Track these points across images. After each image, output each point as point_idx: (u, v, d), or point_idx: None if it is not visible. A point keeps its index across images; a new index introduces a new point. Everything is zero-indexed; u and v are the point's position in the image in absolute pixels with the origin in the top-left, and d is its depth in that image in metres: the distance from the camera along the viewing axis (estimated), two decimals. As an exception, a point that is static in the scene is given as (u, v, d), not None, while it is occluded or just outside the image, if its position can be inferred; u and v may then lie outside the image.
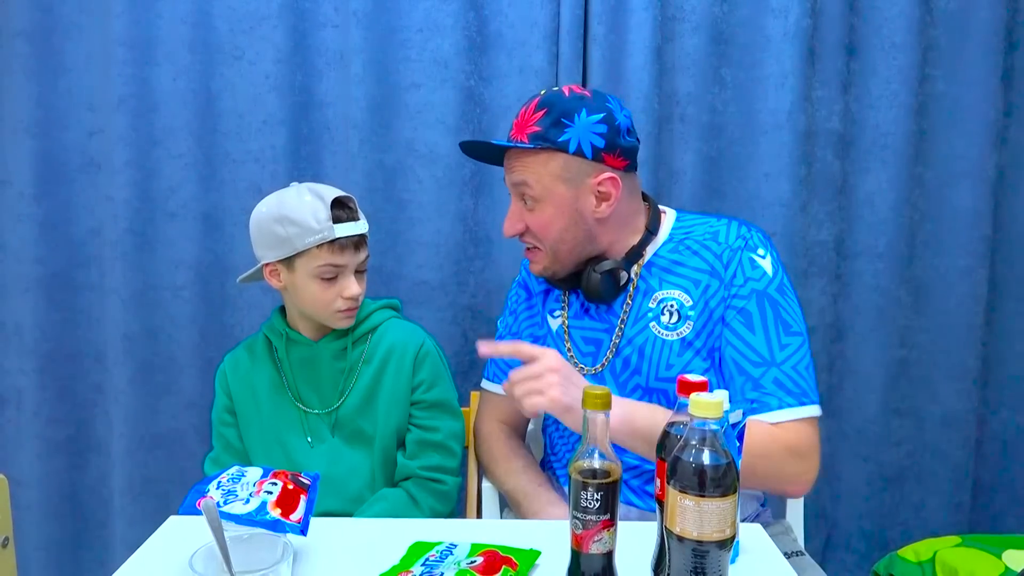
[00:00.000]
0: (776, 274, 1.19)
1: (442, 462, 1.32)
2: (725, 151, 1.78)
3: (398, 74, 1.72)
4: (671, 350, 1.18)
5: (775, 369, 1.14)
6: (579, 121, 1.15)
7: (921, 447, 1.88)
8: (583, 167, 1.17)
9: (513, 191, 1.23)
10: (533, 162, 1.17)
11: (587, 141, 1.15)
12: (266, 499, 0.83)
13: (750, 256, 1.19)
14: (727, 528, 0.69)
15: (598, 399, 0.78)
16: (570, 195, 1.17)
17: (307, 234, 1.21)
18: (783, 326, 1.16)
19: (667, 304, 1.20)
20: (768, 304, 1.16)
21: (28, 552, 1.81)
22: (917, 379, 1.86)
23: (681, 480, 0.70)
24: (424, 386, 1.34)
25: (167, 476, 1.78)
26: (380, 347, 1.34)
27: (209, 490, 0.85)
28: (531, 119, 1.17)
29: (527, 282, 1.40)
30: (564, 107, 1.15)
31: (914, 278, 1.84)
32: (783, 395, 1.12)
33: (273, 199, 1.28)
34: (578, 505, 0.78)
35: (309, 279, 1.25)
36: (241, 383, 1.36)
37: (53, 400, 1.78)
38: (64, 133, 1.72)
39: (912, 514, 1.89)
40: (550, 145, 1.15)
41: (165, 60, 1.69)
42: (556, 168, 1.16)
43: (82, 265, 1.77)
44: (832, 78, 1.76)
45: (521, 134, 1.18)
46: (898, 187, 1.79)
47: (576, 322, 1.28)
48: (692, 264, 1.21)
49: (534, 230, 1.21)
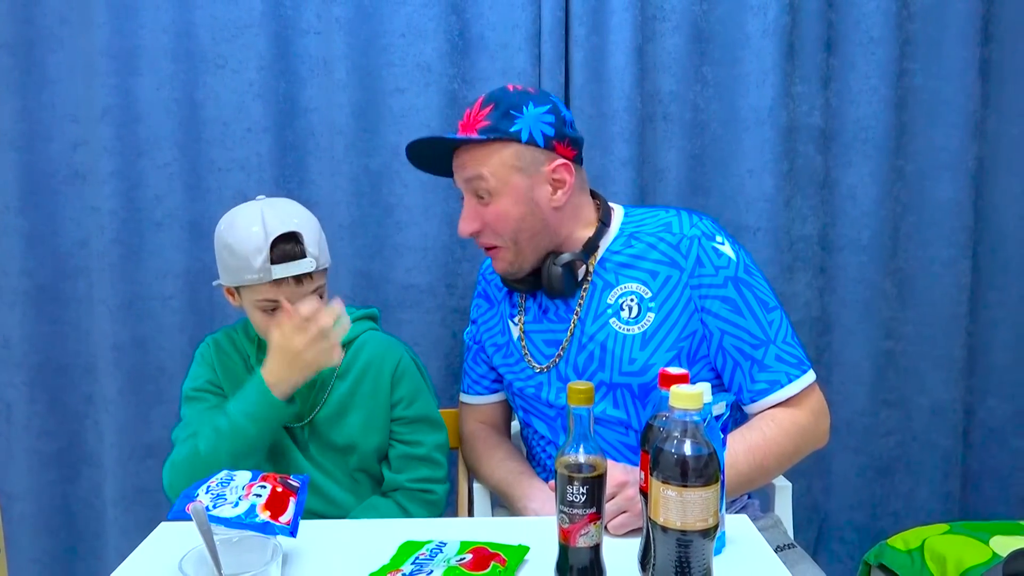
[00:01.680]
0: (739, 257, 1.22)
1: (430, 474, 1.31)
2: (708, 148, 1.80)
3: (381, 79, 1.72)
4: (633, 344, 1.19)
5: (773, 347, 1.19)
6: (527, 112, 1.17)
7: (910, 437, 1.89)
8: (536, 155, 1.19)
9: (467, 188, 1.22)
10: (486, 154, 1.18)
11: (537, 130, 1.17)
12: (255, 502, 0.84)
13: (711, 245, 1.20)
14: (709, 517, 0.70)
15: (581, 394, 0.79)
16: (525, 184, 1.19)
17: (246, 271, 1.18)
18: (762, 305, 1.20)
19: (626, 299, 1.21)
20: (744, 287, 1.20)
21: (22, 565, 1.80)
22: (904, 370, 1.88)
23: (663, 471, 0.71)
24: (404, 403, 1.32)
25: (160, 486, 1.74)
26: (356, 362, 1.31)
27: (198, 495, 0.85)
28: (479, 116, 1.19)
29: (487, 291, 1.42)
30: (511, 100, 1.18)
31: (898, 270, 1.86)
32: (788, 368, 1.19)
33: (229, 217, 1.24)
34: (564, 499, 0.79)
35: (253, 309, 1.23)
36: (227, 367, 1.32)
37: (43, 412, 1.77)
38: (48, 145, 1.72)
39: (903, 504, 1.90)
40: (502, 135, 1.16)
41: (148, 70, 1.69)
42: (510, 157, 1.18)
43: (69, 277, 1.76)
44: (812, 74, 1.78)
45: (470, 130, 1.19)
46: (880, 180, 1.81)
47: (535, 326, 1.29)
48: (649, 256, 1.22)
49: (491, 224, 1.21)
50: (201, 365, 1.35)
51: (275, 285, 1.18)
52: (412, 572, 0.85)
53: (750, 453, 1.12)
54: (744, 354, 1.19)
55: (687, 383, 0.78)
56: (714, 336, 1.20)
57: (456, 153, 1.23)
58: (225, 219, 1.25)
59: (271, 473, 0.93)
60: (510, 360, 1.32)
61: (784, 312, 1.24)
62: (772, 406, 1.18)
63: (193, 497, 0.84)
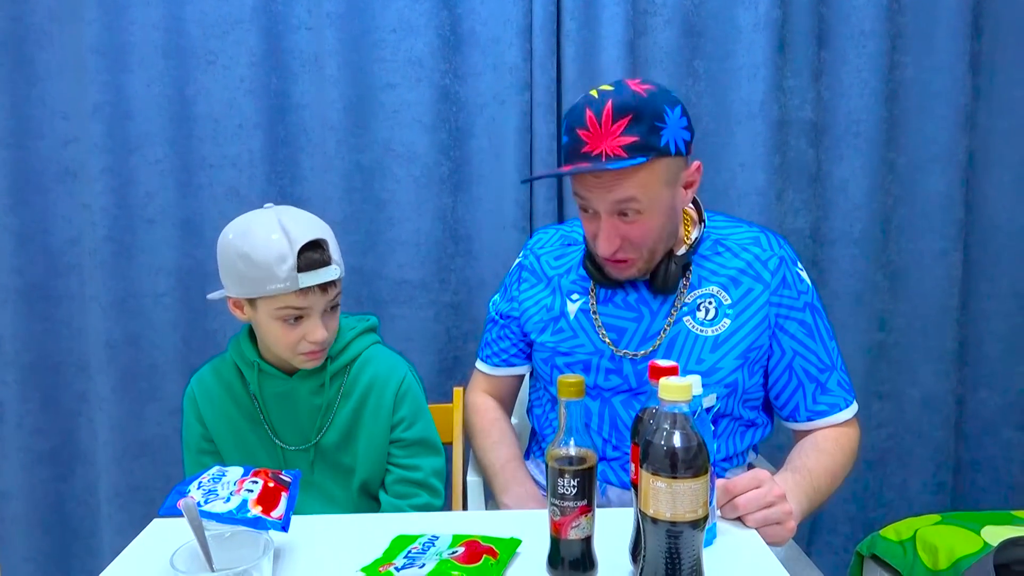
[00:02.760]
0: (813, 286, 1.26)
1: (429, 501, 1.26)
2: (700, 142, 1.79)
3: (373, 75, 1.72)
4: (703, 346, 1.19)
5: (836, 372, 1.24)
6: (669, 120, 1.09)
7: (902, 429, 1.90)
8: (679, 164, 1.13)
9: (609, 209, 1.12)
10: (640, 176, 1.09)
11: (680, 139, 1.10)
12: (247, 497, 0.84)
13: (796, 270, 1.24)
14: (699, 508, 0.70)
15: (572, 387, 0.79)
16: (670, 195, 1.14)
17: (270, 280, 1.11)
18: (829, 333, 1.25)
19: (704, 300, 1.21)
20: (817, 315, 1.24)
21: (16, 564, 1.80)
22: (896, 362, 1.89)
23: (653, 463, 0.71)
24: (404, 424, 1.28)
25: (153, 483, 1.78)
26: (360, 381, 1.27)
27: (190, 490, 0.85)
28: (616, 129, 1.07)
29: (538, 267, 1.36)
30: (651, 109, 1.07)
31: (890, 263, 1.87)
32: (845, 394, 1.24)
33: (241, 226, 1.16)
34: (555, 492, 0.79)
35: (271, 320, 1.16)
36: (215, 412, 1.27)
37: (36, 411, 1.77)
38: (39, 142, 1.72)
39: (895, 495, 1.92)
40: (656, 154, 1.08)
41: (138, 66, 1.69)
42: (662, 174, 1.10)
43: (61, 274, 1.76)
44: (803, 67, 1.78)
45: (611, 148, 1.07)
46: (871, 173, 1.82)
47: (602, 307, 1.26)
48: (732, 264, 1.22)
49: (635, 240, 1.15)
50: (188, 419, 1.30)
51: (300, 294, 1.13)
52: (404, 565, 0.85)
53: (828, 475, 1.16)
54: (810, 376, 1.22)
55: (676, 375, 0.78)
56: (785, 355, 1.22)
57: (594, 172, 1.10)
58: (234, 228, 1.17)
59: (263, 468, 0.93)
60: (559, 337, 1.28)
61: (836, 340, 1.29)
62: (827, 427, 1.23)
63: (185, 493, 0.84)
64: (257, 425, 1.27)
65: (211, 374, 1.30)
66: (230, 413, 1.27)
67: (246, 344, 1.26)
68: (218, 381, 1.28)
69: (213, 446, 1.28)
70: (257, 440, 1.27)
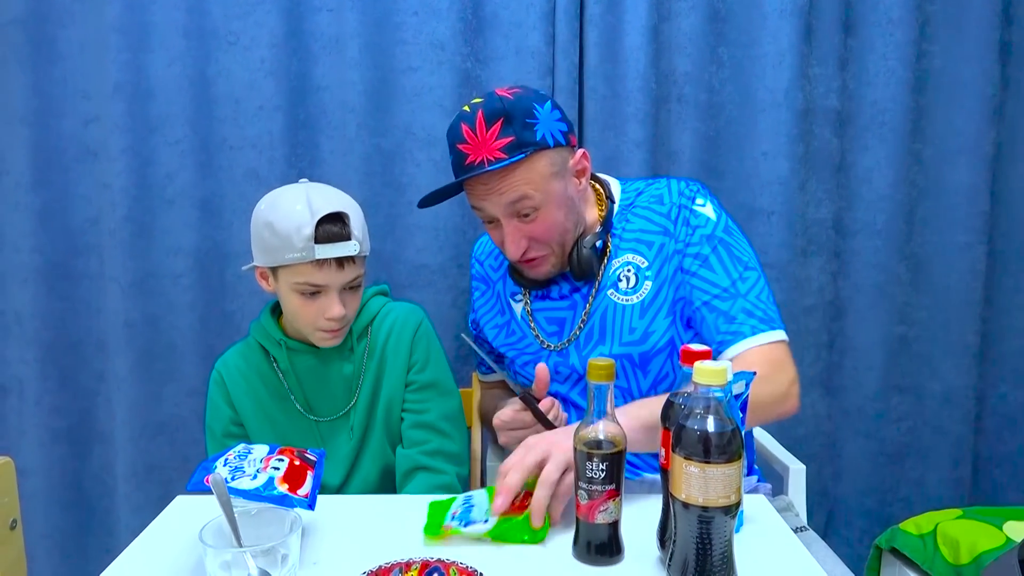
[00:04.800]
0: (719, 218, 1.22)
1: (441, 445, 1.26)
2: (723, 130, 1.78)
3: (394, 58, 1.71)
4: (632, 314, 1.20)
5: (741, 299, 1.16)
6: (540, 115, 1.14)
7: (921, 423, 1.89)
8: (563, 154, 1.17)
9: (506, 212, 1.16)
10: (523, 172, 1.13)
11: (556, 130, 1.16)
12: (273, 475, 0.84)
13: (691, 208, 1.21)
14: (732, 494, 0.69)
15: (602, 370, 0.78)
16: (562, 186, 1.17)
17: (287, 249, 1.13)
18: (735, 261, 1.19)
19: (623, 270, 1.22)
20: (719, 244, 1.20)
21: (34, 540, 1.81)
22: (917, 356, 1.87)
23: (686, 447, 0.70)
24: (418, 366, 1.29)
25: (170, 463, 1.78)
26: (381, 334, 1.29)
27: (216, 467, 0.85)
28: (491, 135, 1.11)
29: (483, 273, 1.42)
30: (520, 108, 1.12)
31: (913, 255, 1.84)
32: (755, 322, 1.15)
33: (271, 197, 1.20)
34: (583, 475, 0.78)
35: (290, 292, 1.18)
36: (243, 395, 1.28)
37: (55, 389, 1.78)
38: (60, 121, 1.71)
39: (913, 490, 1.90)
40: (533, 148, 1.12)
41: (159, 46, 1.68)
42: (546, 167, 1.14)
43: (81, 254, 1.76)
44: (829, 55, 1.76)
45: (490, 153, 1.11)
46: (896, 164, 1.79)
47: (539, 303, 1.30)
48: (642, 227, 1.23)
49: (540, 237, 1.18)
50: (216, 403, 1.30)
51: (316, 267, 1.14)
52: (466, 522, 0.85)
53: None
54: (711, 307, 1.17)
55: (710, 359, 0.77)
56: (691, 294, 1.19)
57: (480, 180, 1.15)
58: (266, 199, 1.21)
59: (289, 447, 0.92)
60: (512, 339, 1.32)
61: (764, 276, 1.21)
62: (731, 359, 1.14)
63: (211, 469, 0.84)
64: (287, 403, 1.28)
65: (237, 357, 1.30)
66: (259, 395, 1.27)
67: (269, 324, 1.27)
68: (245, 363, 1.29)
69: (241, 430, 1.29)
70: (288, 419, 1.28)
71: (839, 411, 1.88)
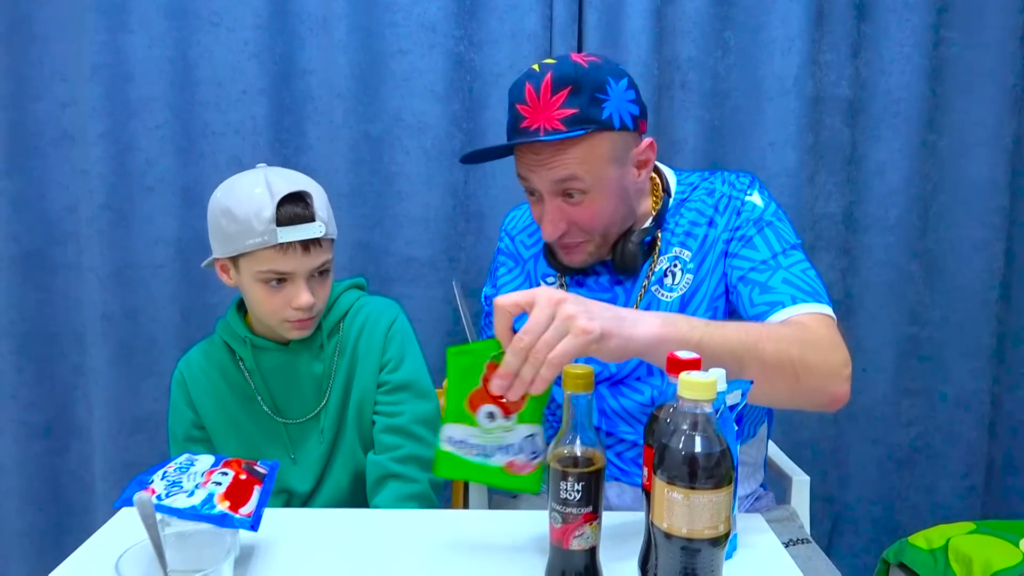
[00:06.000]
0: (768, 205, 1.12)
1: (414, 451, 1.16)
2: (728, 119, 1.72)
3: (384, 40, 1.64)
4: (670, 310, 1.10)
5: (782, 271, 1.04)
6: (613, 92, 1.02)
7: (933, 428, 1.82)
8: (627, 140, 1.05)
9: (552, 189, 1.05)
10: (580, 150, 1.02)
11: (626, 111, 1.03)
12: (213, 491, 0.76)
13: (740, 196, 1.12)
14: (720, 524, 0.62)
15: (579, 379, 0.71)
16: (619, 175, 1.06)
17: (248, 235, 1.06)
18: (780, 239, 1.08)
19: (671, 265, 1.12)
20: (765, 226, 1.09)
21: (10, 539, 1.76)
22: (929, 357, 1.81)
23: (669, 470, 0.62)
24: (391, 364, 1.21)
25: (150, 461, 1.72)
26: (352, 331, 1.21)
27: (153, 481, 0.78)
28: (554, 102, 1.01)
29: (513, 250, 1.30)
30: (592, 80, 1.01)
31: (927, 252, 1.78)
32: (795, 292, 1.01)
33: (227, 184, 1.13)
34: (557, 496, 0.71)
35: (253, 283, 1.10)
36: (205, 395, 1.21)
37: (31, 383, 1.72)
38: (36, 104, 1.65)
39: (923, 497, 1.84)
40: (596, 127, 1.01)
41: (140, 27, 1.61)
42: (606, 150, 1.03)
43: (58, 243, 1.70)
44: (841, 41, 1.69)
45: (549, 122, 1.01)
46: (910, 156, 1.72)
47: (575, 290, 1.18)
48: (692, 220, 1.13)
49: (583, 224, 1.08)
50: (177, 404, 1.23)
51: (280, 252, 1.07)
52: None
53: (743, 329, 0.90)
54: (746, 280, 1.05)
55: (699, 368, 0.69)
56: (730, 276, 1.09)
57: (532, 148, 1.04)
58: (222, 186, 1.14)
59: (236, 459, 0.85)
60: None
61: (809, 258, 1.10)
62: None
63: (146, 483, 0.77)
64: (254, 405, 1.20)
65: (200, 356, 1.23)
66: (223, 396, 1.20)
67: (235, 321, 1.20)
68: (208, 363, 1.22)
69: (204, 433, 1.22)
70: (254, 422, 1.21)
71: (846, 415, 1.81)
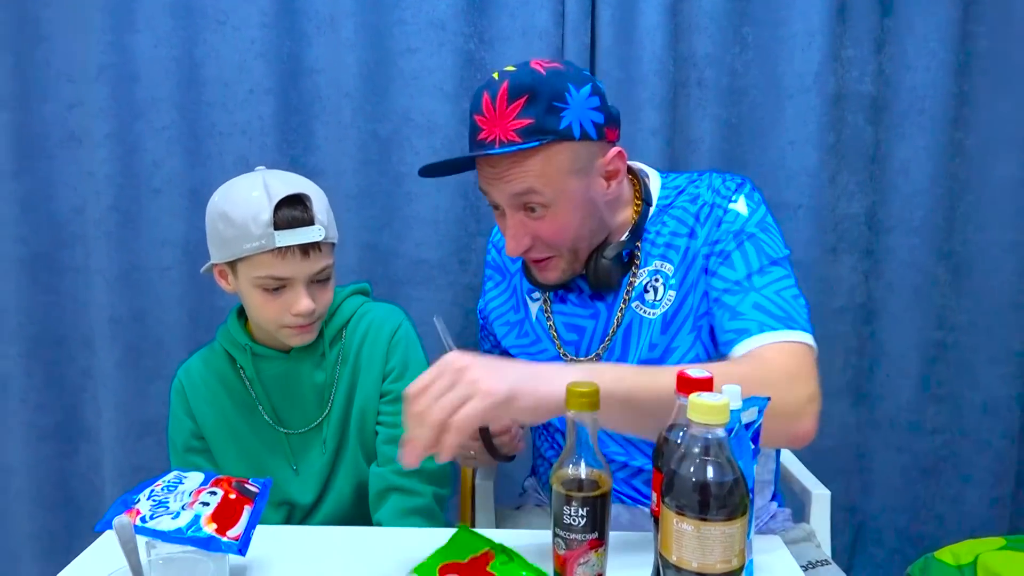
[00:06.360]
0: (753, 213, 1.05)
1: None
2: (746, 117, 1.67)
3: (392, 38, 1.60)
4: (653, 329, 1.06)
5: (754, 294, 0.98)
6: (573, 100, 0.97)
7: (960, 436, 1.77)
8: (591, 150, 1.00)
9: (511, 203, 1.02)
10: (537, 162, 0.97)
11: (587, 120, 0.98)
12: (200, 512, 0.73)
13: (723, 205, 1.05)
14: (733, 558, 0.58)
15: (584, 397, 0.67)
16: (582, 186, 1.01)
17: (245, 239, 1.04)
18: (763, 256, 1.02)
19: (651, 279, 1.07)
20: (748, 240, 1.03)
21: (21, 541, 1.76)
22: (956, 363, 1.75)
23: (678, 498, 0.58)
24: (395, 374, 1.17)
25: (157, 464, 1.70)
26: (354, 339, 1.18)
27: (139, 500, 0.75)
28: (510, 112, 0.96)
29: (499, 263, 1.27)
30: (550, 87, 0.97)
31: (953, 254, 1.72)
32: (765, 318, 0.96)
33: (225, 188, 1.11)
34: (560, 521, 0.67)
35: (251, 288, 1.08)
36: (205, 405, 1.18)
37: (40, 386, 1.71)
38: (43, 105, 1.64)
39: (949, 508, 1.78)
40: (553, 137, 0.97)
41: (145, 26, 1.59)
42: (565, 162, 0.98)
43: (66, 245, 1.68)
44: (864, 36, 1.64)
45: (504, 133, 0.97)
46: (936, 155, 1.67)
47: (558, 306, 1.15)
48: (674, 230, 1.07)
49: (547, 238, 1.04)
50: (176, 413, 1.20)
51: (279, 257, 1.04)
52: None
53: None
54: (719, 304, 1.00)
55: (710, 388, 0.65)
56: (709, 296, 1.03)
57: (488, 160, 1.01)
58: (220, 190, 1.12)
59: (226, 476, 0.82)
60: (525, 341, 1.19)
61: (794, 276, 1.03)
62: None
63: (131, 503, 0.74)
64: (254, 415, 1.18)
65: (200, 364, 1.21)
66: (223, 405, 1.17)
67: (235, 328, 1.17)
68: (208, 371, 1.19)
69: (203, 444, 1.19)
70: (254, 432, 1.18)
71: (869, 422, 1.76)
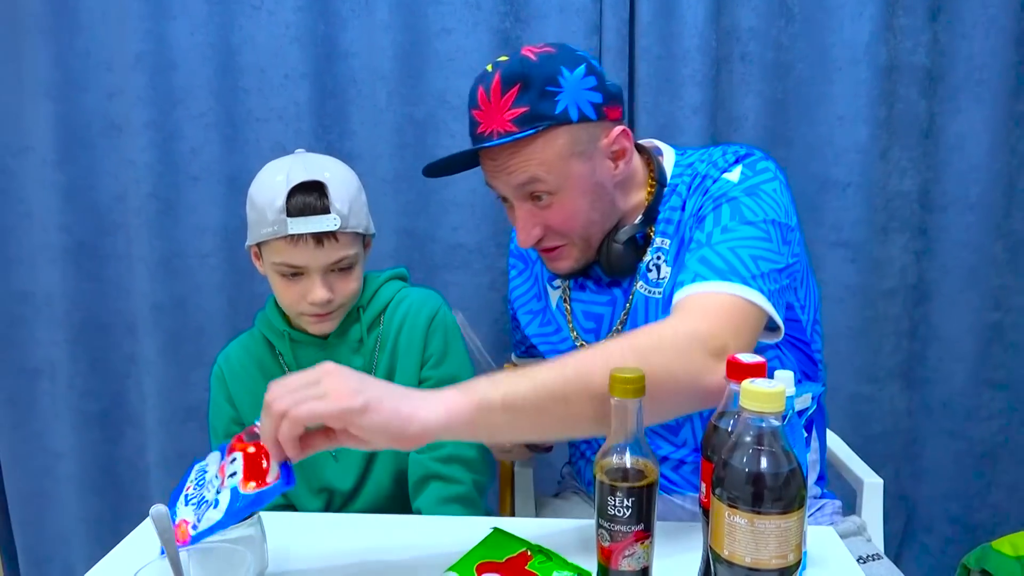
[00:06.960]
0: (745, 180, 0.99)
1: (456, 450, 1.11)
2: (792, 92, 1.62)
3: (427, 19, 1.58)
4: (657, 309, 1.03)
5: (706, 249, 0.93)
6: (566, 82, 0.96)
7: (1017, 422, 1.71)
8: (591, 131, 0.99)
9: (517, 194, 1.01)
10: (535, 151, 0.97)
11: (584, 100, 0.97)
12: (234, 484, 0.71)
13: (715, 175, 1.01)
14: (790, 553, 0.55)
15: (629, 384, 0.64)
16: (587, 169, 1.00)
17: (262, 223, 1.04)
18: (739, 217, 0.95)
19: (653, 258, 1.04)
20: (725, 202, 0.97)
21: (71, 524, 1.80)
22: (1013, 346, 1.69)
23: (730, 490, 0.56)
24: (434, 359, 1.16)
25: (202, 449, 1.67)
26: (392, 324, 1.16)
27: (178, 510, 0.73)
28: (504, 103, 0.96)
29: (521, 251, 1.25)
30: (541, 73, 0.96)
31: (1012, 232, 1.66)
32: (703, 269, 0.89)
33: (262, 170, 1.12)
34: (605, 512, 0.65)
35: (273, 273, 1.09)
36: (244, 391, 1.18)
37: (86, 372, 1.74)
38: (83, 95, 1.65)
39: (1005, 496, 1.73)
40: (550, 123, 0.96)
41: (181, 13, 1.59)
42: (564, 146, 0.97)
43: (109, 233, 1.70)
44: (918, 3, 1.58)
45: (501, 125, 0.97)
46: (993, 129, 1.61)
47: (577, 294, 1.13)
48: (672, 204, 1.04)
49: (557, 226, 1.02)
50: (216, 399, 1.21)
51: (291, 244, 1.03)
52: None
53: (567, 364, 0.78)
54: (680, 263, 0.98)
55: (763, 374, 0.62)
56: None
57: (488, 154, 1.01)
58: (259, 172, 1.13)
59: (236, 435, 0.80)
60: (547, 330, 1.17)
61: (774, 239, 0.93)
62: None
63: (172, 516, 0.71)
64: None
65: (239, 350, 1.21)
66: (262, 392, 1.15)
67: (273, 314, 1.17)
68: (247, 357, 1.19)
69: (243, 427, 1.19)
70: None
71: (921, 407, 1.71)
